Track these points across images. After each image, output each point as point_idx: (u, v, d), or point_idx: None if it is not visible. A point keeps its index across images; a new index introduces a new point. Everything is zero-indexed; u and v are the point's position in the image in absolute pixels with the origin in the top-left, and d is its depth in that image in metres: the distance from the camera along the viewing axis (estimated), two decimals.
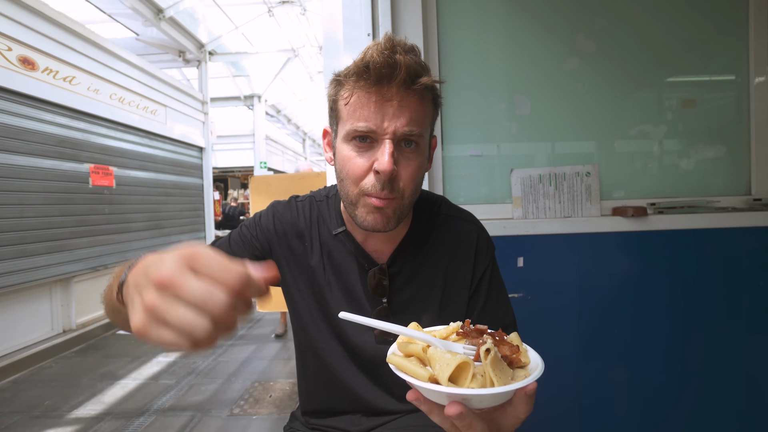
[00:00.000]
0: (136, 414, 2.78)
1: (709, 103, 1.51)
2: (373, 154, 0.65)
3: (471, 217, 0.84)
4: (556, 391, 1.38)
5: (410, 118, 0.64)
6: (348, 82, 0.65)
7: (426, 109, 0.67)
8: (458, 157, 1.49)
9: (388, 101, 0.63)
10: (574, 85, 1.48)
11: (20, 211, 3.76)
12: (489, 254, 0.80)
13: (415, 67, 0.62)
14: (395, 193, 0.66)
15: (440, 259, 0.78)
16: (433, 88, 0.68)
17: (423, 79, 0.63)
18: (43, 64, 4.01)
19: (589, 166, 1.39)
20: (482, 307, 0.78)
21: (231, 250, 0.78)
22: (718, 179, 1.51)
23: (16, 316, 3.81)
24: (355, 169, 0.66)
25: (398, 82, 0.62)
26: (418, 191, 0.71)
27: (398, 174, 0.66)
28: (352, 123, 0.65)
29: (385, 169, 0.63)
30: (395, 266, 0.77)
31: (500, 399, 0.46)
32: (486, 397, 0.44)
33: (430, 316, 0.77)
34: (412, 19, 1.37)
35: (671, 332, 1.38)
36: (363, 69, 0.62)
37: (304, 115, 13.48)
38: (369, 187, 0.65)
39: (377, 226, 0.67)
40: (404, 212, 0.69)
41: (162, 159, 6.14)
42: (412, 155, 0.67)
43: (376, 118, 0.63)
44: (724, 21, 1.49)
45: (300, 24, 7.80)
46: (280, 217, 0.81)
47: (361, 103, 0.64)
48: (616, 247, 1.37)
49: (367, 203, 0.67)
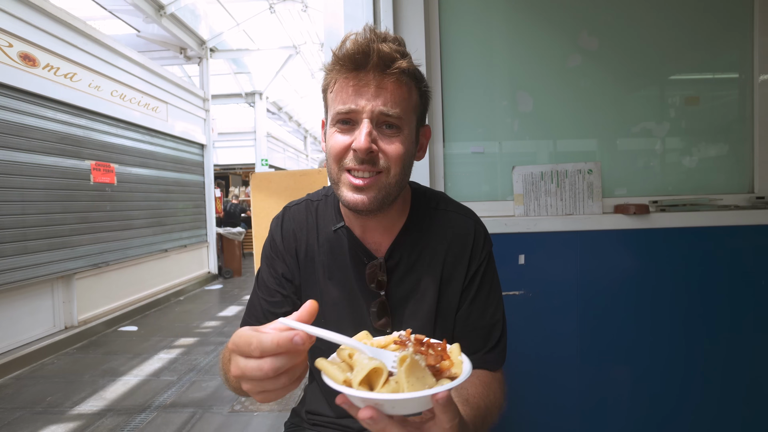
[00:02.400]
0: (137, 410, 2.79)
1: (712, 100, 1.50)
2: (354, 134, 0.68)
3: (469, 212, 0.84)
4: (556, 389, 1.38)
5: (387, 100, 0.66)
6: (331, 72, 0.69)
7: (405, 92, 0.69)
8: (460, 154, 1.49)
9: (365, 86, 0.66)
10: (577, 82, 1.48)
11: (22, 208, 3.77)
12: (486, 249, 0.81)
13: (389, 53, 0.65)
14: (377, 167, 0.68)
15: (437, 253, 0.79)
16: (413, 73, 0.70)
17: (398, 62, 0.65)
18: (44, 60, 4.01)
19: (591, 164, 1.38)
20: (471, 300, 0.79)
21: (267, 288, 0.81)
22: (721, 177, 1.50)
23: (18, 313, 3.82)
24: (336, 146, 0.69)
25: (373, 67, 0.65)
26: (405, 173, 0.72)
27: (380, 151, 0.68)
28: (335, 107, 0.68)
29: (360, 146, 0.65)
30: (393, 259, 0.78)
31: (412, 405, 0.46)
32: (397, 402, 0.45)
33: (428, 309, 0.77)
34: (414, 15, 1.36)
35: (673, 330, 1.37)
36: (340, 57, 0.66)
37: (306, 112, 13.47)
38: (348, 162, 0.68)
39: (358, 205, 0.69)
40: (389, 192, 0.70)
41: (163, 156, 6.15)
42: (394, 136, 0.69)
43: (354, 100, 0.66)
44: (728, 18, 1.47)
45: (301, 21, 7.79)
46: (282, 232, 0.83)
47: (341, 87, 0.68)
48: (618, 245, 1.37)
49: (347, 181, 0.69)
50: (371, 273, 0.76)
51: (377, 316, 0.76)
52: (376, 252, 0.78)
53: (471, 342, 0.78)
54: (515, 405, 1.38)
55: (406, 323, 0.77)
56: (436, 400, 0.44)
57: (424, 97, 0.75)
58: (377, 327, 0.76)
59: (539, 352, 1.37)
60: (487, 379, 0.75)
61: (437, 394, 0.44)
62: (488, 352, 0.78)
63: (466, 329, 0.79)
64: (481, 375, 0.75)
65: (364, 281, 0.77)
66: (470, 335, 0.78)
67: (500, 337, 0.80)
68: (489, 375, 0.77)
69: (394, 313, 0.78)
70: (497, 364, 0.79)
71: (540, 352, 1.37)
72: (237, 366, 0.47)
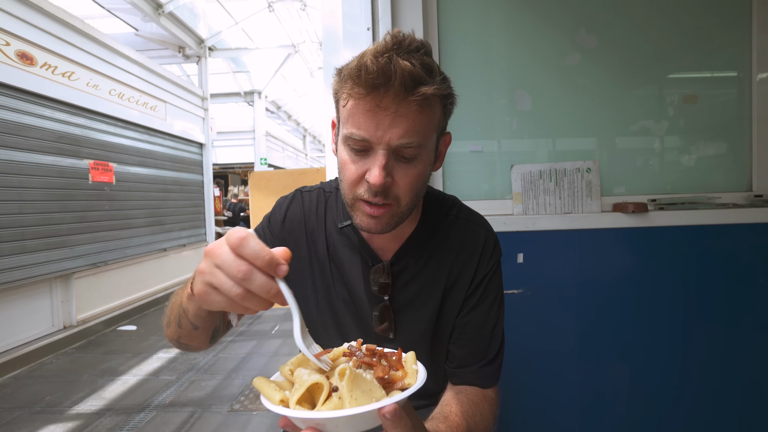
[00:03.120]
0: (136, 410, 2.79)
1: (711, 99, 1.50)
2: (368, 162, 0.62)
3: (481, 219, 0.82)
4: (555, 387, 1.38)
5: (407, 130, 0.59)
6: (345, 86, 0.61)
7: (429, 117, 0.62)
8: (458, 153, 1.49)
9: (383, 110, 0.58)
10: (575, 80, 1.47)
11: (20, 207, 3.76)
12: (494, 258, 0.78)
13: (413, 74, 0.56)
14: (390, 199, 0.64)
15: (444, 259, 0.76)
16: (439, 95, 0.62)
17: (423, 88, 0.57)
18: (41, 59, 4.00)
19: (590, 162, 1.38)
20: (472, 308, 0.76)
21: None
22: (720, 175, 1.50)
23: (17, 313, 3.82)
24: (350, 175, 0.64)
25: (393, 92, 0.57)
26: (418, 198, 0.68)
27: (393, 183, 0.63)
28: (347, 129, 0.62)
29: (375, 182, 0.60)
30: (399, 264, 0.76)
31: (358, 423, 0.42)
32: (340, 421, 0.40)
33: (430, 316, 0.76)
34: (412, 14, 1.36)
35: (671, 329, 1.38)
36: (356, 76, 0.58)
37: (305, 111, 13.46)
38: (362, 192, 0.64)
39: (372, 229, 0.66)
40: (402, 217, 0.68)
41: (162, 155, 6.14)
42: (411, 164, 0.63)
43: (369, 127, 0.59)
44: (727, 16, 1.47)
45: (300, 19, 7.77)
46: (288, 213, 0.80)
47: (355, 109, 0.60)
48: (617, 244, 1.37)
49: (362, 209, 0.66)
50: (376, 276, 0.74)
51: (379, 321, 0.75)
52: (382, 255, 0.76)
53: (467, 353, 0.75)
54: (515, 403, 1.38)
55: (408, 329, 0.76)
56: (382, 414, 0.41)
57: (449, 110, 0.68)
58: (378, 332, 0.75)
59: (538, 350, 1.37)
60: (477, 398, 0.72)
61: (383, 407, 0.40)
62: (483, 366, 0.75)
63: (463, 338, 0.76)
64: (471, 393, 0.72)
65: (368, 284, 0.75)
66: (467, 345, 0.76)
67: (497, 354, 0.76)
68: (480, 394, 0.73)
69: (396, 319, 0.76)
70: (491, 380, 0.75)
71: (539, 351, 1.37)
72: (209, 264, 0.46)
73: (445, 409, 0.67)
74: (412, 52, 0.58)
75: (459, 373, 0.75)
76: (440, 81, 0.60)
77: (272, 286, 0.45)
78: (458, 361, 0.76)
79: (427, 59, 0.60)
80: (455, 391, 0.73)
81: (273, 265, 0.44)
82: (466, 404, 0.69)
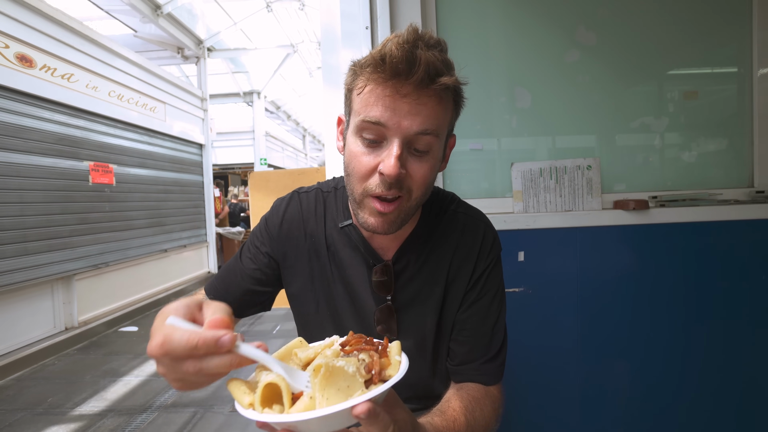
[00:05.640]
0: (138, 411, 2.79)
1: (711, 95, 1.49)
2: (381, 153, 0.61)
3: (480, 215, 0.81)
4: (556, 384, 1.38)
5: (425, 119, 0.59)
6: (363, 72, 0.60)
7: (444, 110, 0.63)
8: (458, 151, 1.48)
9: (402, 98, 0.58)
10: (575, 77, 1.47)
11: (21, 209, 3.76)
12: (493, 253, 0.78)
13: (436, 65, 0.57)
14: (402, 191, 0.63)
15: (444, 255, 0.76)
16: (455, 89, 0.63)
17: (443, 78, 0.58)
18: (41, 61, 4.00)
19: (590, 160, 1.38)
20: (472, 303, 0.75)
21: (242, 266, 0.78)
22: (721, 172, 1.49)
23: (19, 315, 3.82)
24: (361, 167, 0.63)
25: (416, 80, 0.57)
26: (426, 194, 0.67)
27: (406, 174, 0.62)
28: (363, 114, 0.61)
29: (390, 172, 0.59)
30: (400, 263, 0.75)
31: (332, 422, 0.40)
32: (311, 422, 0.38)
33: (433, 313, 0.76)
34: (411, 12, 1.36)
35: (672, 326, 1.37)
36: (379, 61, 0.57)
37: (304, 111, 13.44)
38: (374, 186, 0.62)
39: (378, 229, 0.65)
40: (409, 214, 0.67)
41: (162, 156, 6.13)
42: (423, 158, 0.63)
43: (387, 113, 0.59)
44: (727, 12, 1.47)
45: (299, 19, 7.76)
46: (285, 215, 0.79)
47: (374, 95, 0.60)
48: (618, 241, 1.36)
49: (370, 206, 0.64)
50: (378, 276, 0.73)
51: (381, 321, 0.74)
52: (383, 254, 0.75)
53: (468, 349, 0.74)
54: (516, 401, 1.38)
55: (411, 328, 0.76)
56: (355, 415, 0.39)
57: (459, 109, 0.69)
58: (380, 332, 0.75)
59: (539, 347, 1.36)
60: (478, 394, 0.70)
61: (355, 408, 0.38)
62: (485, 362, 0.73)
63: (464, 334, 0.75)
64: (473, 389, 0.71)
65: (369, 283, 0.75)
66: (468, 341, 0.75)
67: (500, 349, 0.75)
68: (481, 390, 0.72)
69: (398, 318, 0.75)
70: (494, 377, 0.74)
71: (540, 348, 1.36)
72: (163, 367, 0.45)
73: (443, 405, 0.66)
74: (432, 47, 0.59)
75: (461, 371, 0.75)
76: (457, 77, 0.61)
77: (231, 360, 0.42)
78: (460, 358, 0.75)
79: (446, 57, 0.61)
80: (457, 388, 0.73)
81: (211, 345, 0.41)
82: (466, 399, 0.68)
